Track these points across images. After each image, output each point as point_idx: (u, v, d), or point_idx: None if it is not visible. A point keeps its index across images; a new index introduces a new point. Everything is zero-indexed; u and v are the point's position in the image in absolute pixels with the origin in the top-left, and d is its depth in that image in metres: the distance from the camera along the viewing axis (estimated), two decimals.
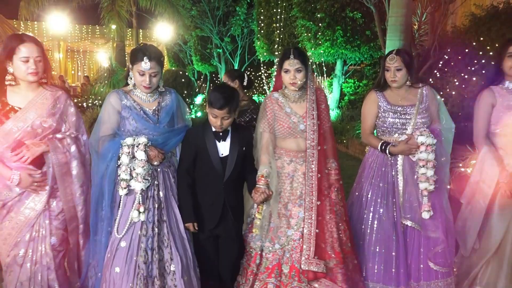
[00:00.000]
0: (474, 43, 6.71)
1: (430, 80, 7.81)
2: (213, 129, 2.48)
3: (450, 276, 2.75)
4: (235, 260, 2.59)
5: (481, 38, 6.64)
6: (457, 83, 6.66)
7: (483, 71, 6.23)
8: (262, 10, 12.56)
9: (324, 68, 10.60)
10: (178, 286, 2.35)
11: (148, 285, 2.31)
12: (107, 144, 2.37)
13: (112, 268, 2.31)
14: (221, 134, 2.47)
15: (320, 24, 9.12)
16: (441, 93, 7.78)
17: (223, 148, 2.48)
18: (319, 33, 9.17)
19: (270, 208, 2.54)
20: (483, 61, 6.30)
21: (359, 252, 2.76)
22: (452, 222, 2.81)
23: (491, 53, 6.19)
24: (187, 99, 12.56)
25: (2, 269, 2.43)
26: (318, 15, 9.14)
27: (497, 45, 6.16)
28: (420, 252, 2.74)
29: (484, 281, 2.77)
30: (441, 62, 7.36)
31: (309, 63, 2.69)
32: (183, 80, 13.05)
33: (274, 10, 11.77)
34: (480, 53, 6.45)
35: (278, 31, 11.66)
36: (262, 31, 12.57)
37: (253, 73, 16.54)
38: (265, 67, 14.55)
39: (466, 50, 6.80)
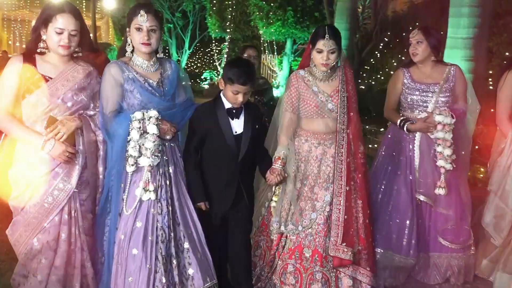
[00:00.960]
0: (411, 28, 7.34)
1: (372, 60, 8.46)
2: (226, 107, 2.35)
3: (460, 253, 2.78)
4: (248, 246, 2.48)
5: (417, 23, 7.27)
6: (395, 64, 7.29)
7: None
8: None
9: (274, 46, 11.02)
10: (192, 264, 2.25)
11: (167, 264, 2.19)
12: (116, 121, 2.18)
13: (129, 250, 2.15)
14: (234, 111, 2.34)
15: (272, 4, 9.49)
16: (381, 72, 8.46)
17: (237, 126, 2.36)
18: (271, 13, 9.55)
19: (295, 191, 2.46)
20: None
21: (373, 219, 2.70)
22: (470, 203, 2.84)
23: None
24: None
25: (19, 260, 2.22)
26: None
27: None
28: (429, 225, 2.79)
29: (508, 266, 2.71)
30: (381, 44, 7.98)
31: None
32: None
33: None
34: None
35: (230, 9, 11.88)
36: (214, 8, 12.72)
37: (202, 49, 16.63)
38: (216, 43, 14.72)
39: (404, 34, 7.42)
